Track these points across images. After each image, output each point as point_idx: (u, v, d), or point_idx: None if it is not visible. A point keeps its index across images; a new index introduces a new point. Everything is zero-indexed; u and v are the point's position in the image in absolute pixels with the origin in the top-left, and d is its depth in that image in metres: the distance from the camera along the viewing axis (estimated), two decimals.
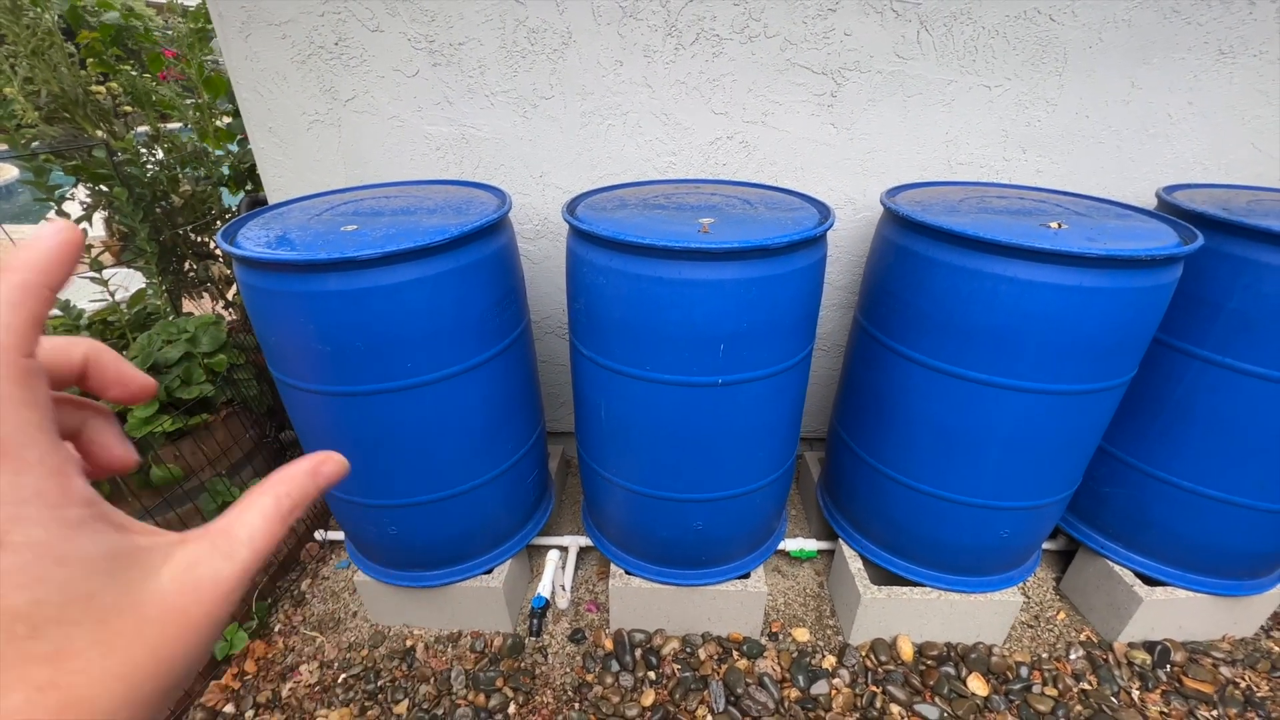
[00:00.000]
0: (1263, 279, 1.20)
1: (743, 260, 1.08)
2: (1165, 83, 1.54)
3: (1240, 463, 1.33)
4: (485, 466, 1.40)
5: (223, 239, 1.14)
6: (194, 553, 0.24)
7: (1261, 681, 1.50)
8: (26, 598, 0.19)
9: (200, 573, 0.23)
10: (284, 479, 0.28)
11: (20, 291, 0.21)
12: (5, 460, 0.20)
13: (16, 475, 0.20)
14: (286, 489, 0.28)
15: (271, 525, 0.26)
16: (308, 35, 1.54)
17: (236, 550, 0.25)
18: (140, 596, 0.22)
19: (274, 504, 0.27)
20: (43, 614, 0.20)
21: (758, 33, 1.51)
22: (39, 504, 0.20)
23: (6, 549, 0.19)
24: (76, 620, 0.20)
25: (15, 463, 0.20)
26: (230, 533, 0.25)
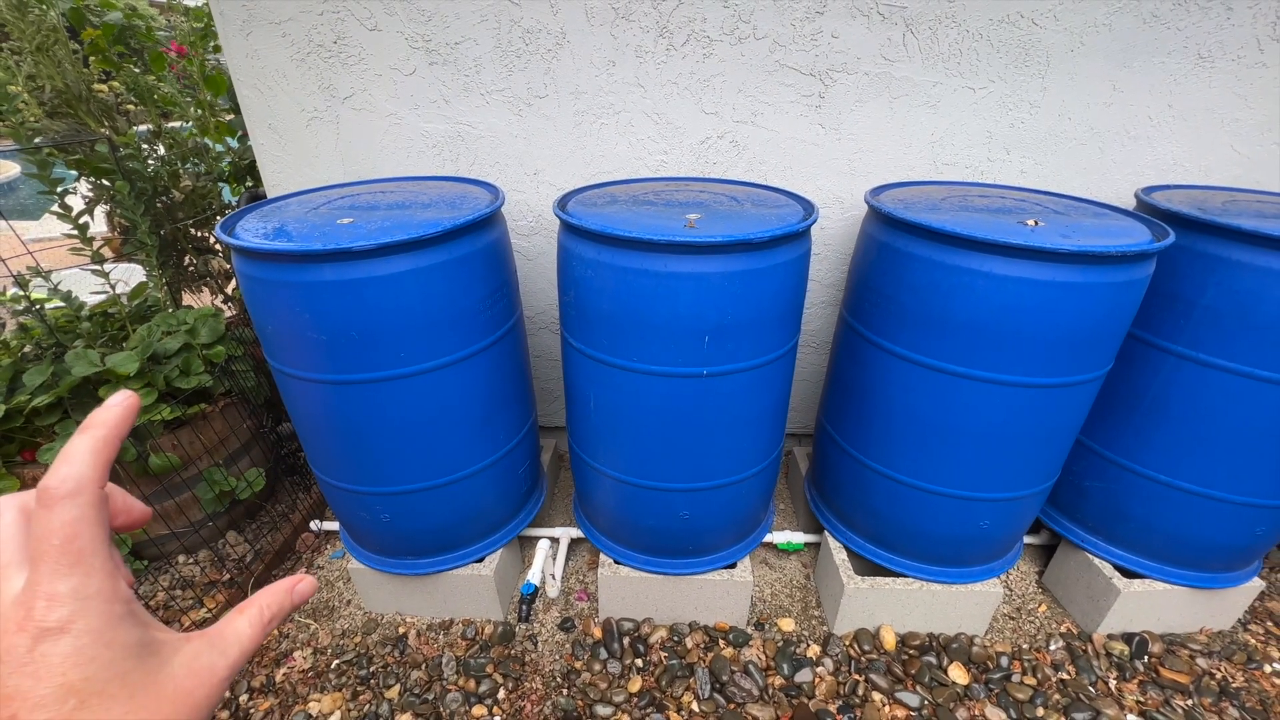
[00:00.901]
0: (1234, 276, 1.24)
1: (727, 254, 1.11)
2: (1145, 86, 1.58)
3: (1213, 456, 1.36)
4: (477, 456, 1.43)
5: (222, 230, 1.17)
6: (198, 647, 0.30)
7: (1237, 673, 1.53)
8: (80, 675, 0.25)
9: (202, 663, 0.30)
10: (267, 594, 0.35)
11: (101, 443, 0.29)
12: (81, 565, 0.26)
13: (86, 577, 0.26)
14: (268, 602, 0.35)
15: (255, 630, 0.33)
16: (307, 34, 1.58)
17: (229, 649, 0.31)
18: (159, 679, 0.28)
19: (258, 614, 0.34)
20: (90, 688, 0.25)
21: (747, 34, 1.55)
22: (98, 599, 0.27)
23: (71, 635, 0.25)
24: (114, 695, 0.26)
25: (87, 567, 0.27)
26: (224, 635, 0.32)
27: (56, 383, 1.47)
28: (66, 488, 0.27)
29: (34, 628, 0.25)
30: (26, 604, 0.25)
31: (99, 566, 0.27)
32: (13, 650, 0.25)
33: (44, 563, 0.26)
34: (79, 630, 0.26)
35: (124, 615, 0.28)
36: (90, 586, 0.26)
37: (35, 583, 0.26)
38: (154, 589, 1.71)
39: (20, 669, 0.24)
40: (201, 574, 1.77)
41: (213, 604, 1.68)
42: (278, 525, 1.91)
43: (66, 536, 0.26)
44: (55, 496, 0.27)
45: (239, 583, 1.72)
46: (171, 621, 1.63)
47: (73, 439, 0.29)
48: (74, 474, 0.28)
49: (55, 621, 0.25)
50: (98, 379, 1.51)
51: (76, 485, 0.27)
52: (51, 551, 0.26)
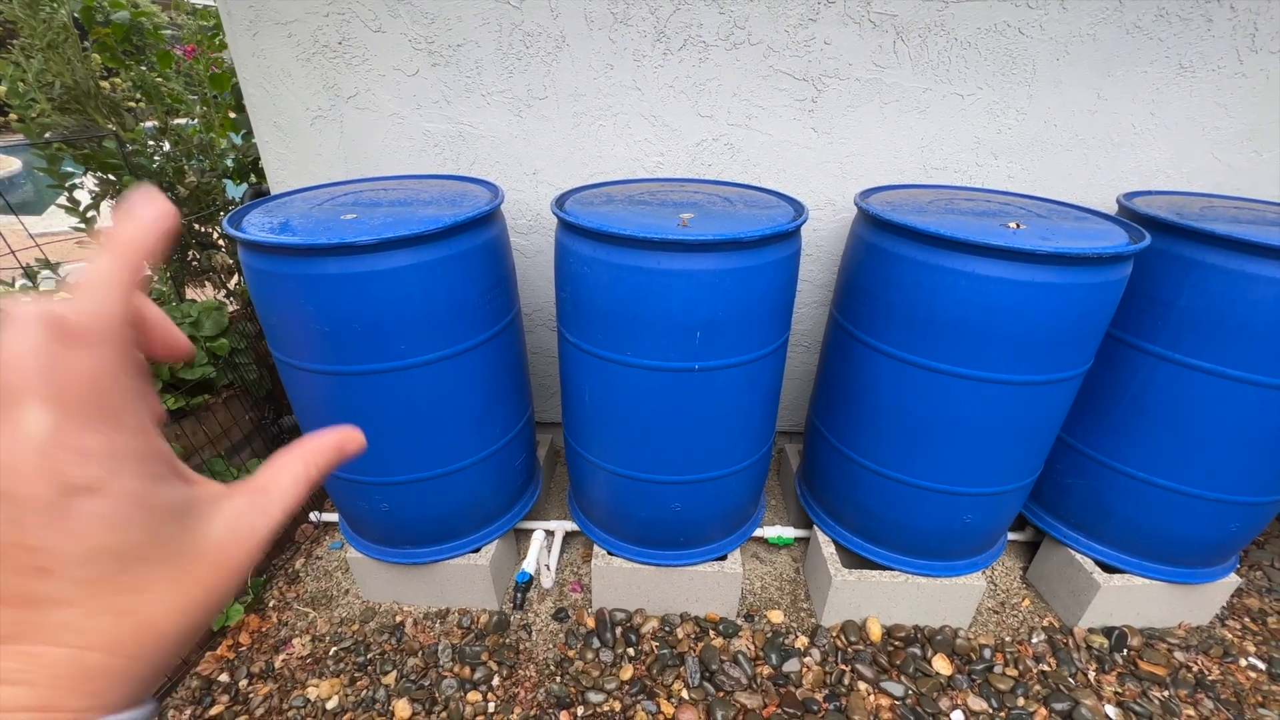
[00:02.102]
0: (1209, 279, 1.28)
1: (718, 252, 1.15)
2: (1129, 94, 1.62)
3: (1190, 453, 1.40)
4: (474, 447, 1.46)
5: (229, 224, 1.20)
6: (239, 506, 0.28)
7: (1213, 666, 1.57)
8: (119, 538, 0.23)
9: (243, 524, 0.28)
10: (313, 449, 0.31)
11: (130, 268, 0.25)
12: (111, 422, 0.23)
13: (118, 435, 0.23)
14: (314, 458, 0.31)
15: (298, 488, 0.30)
16: (312, 34, 1.61)
17: (270, 507, 0.29)
18: (199, 542, 0.26)
19: (302, 469, 0.30)
20: (130, 552, 0.23)
21: (742, 40, 1.59)
22: (133, 460, 0.24)
23: (106, 496, 0.23)
24: (154, 559, 0.24)
25: (118, 424, 0.23)
26: (266, 491, 0.29)
27: None
28: (94, 328, 0.23)
29: (61, 481, 0.22)
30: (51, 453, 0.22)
31: (133, 420, 0.24)
32: (37, 500, 0.22)
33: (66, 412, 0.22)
34: (113, 491, 0.23)
35: (161, 474, 0.25)
36: (124, 443, 0.23)
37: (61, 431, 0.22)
38: None
39: (50, 523, 0.22)
40: None
41: None
42: None
43: (95, 385, 0.23)
44: (80, 337, 0.23)
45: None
46: None
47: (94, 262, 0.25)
48: (99, 310, 0.23)
49: (86, 480, 0.22)
50: None
51: (103, 327, 0.23)
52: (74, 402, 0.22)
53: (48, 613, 0.22)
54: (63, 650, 0.22)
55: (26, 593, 0.22)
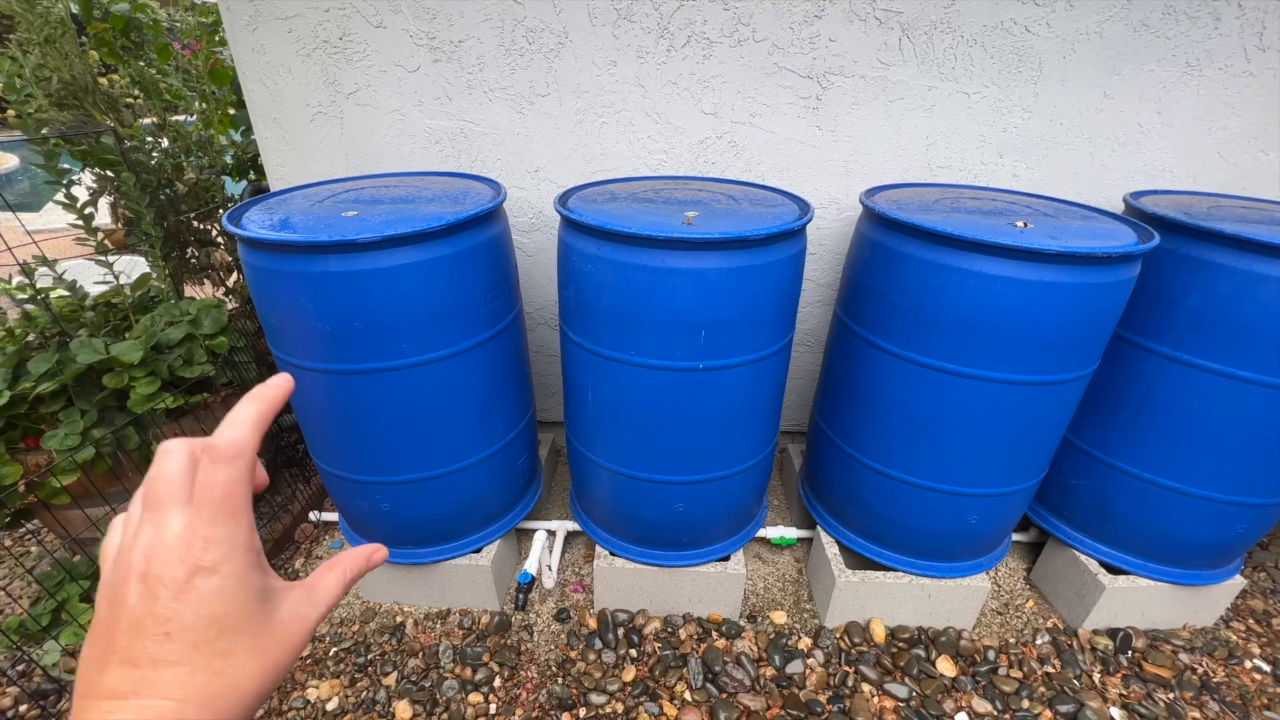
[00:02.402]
0: (1218, 279, 1.27)
1: (724, 250, 1.14)
2: (1135, 93, 1.61)
3: (1196, 455, 1.39)
4: (476, 447, 1.45)
5: (228, 221, 1.19)
6: (299, 597, 0.36)
7: (1218, 668, 1.56)
8: (223, 609, 0.30)
9: (301, 611, 0.35)
10: (350, 557, 0.41)
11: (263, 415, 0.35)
12: (234, 518, 0.32)
13: (237, 528, 0.32)
14: (349, 565, 0.40)
15: (339, 588, 0.39)
16: (313, 30, 1.60)
17: (319, 600, 0.37)
18: (272, 620, 0.33)
19: (342, 573, 0.39)
20: (227, 622, 0.31)
21: (746, 37, 1.58)
22: (242, 550, 0.32)
23: (220, 575, 0.30)
24: (242, 630, 0.31)
25: (237, 520, 0.32)
26: (317, 588, 0.37)
27: (61, 370, 1.48)
28: (232, 450, 0.32)
29: (192, 563, 0.30)
30: (187, 541, 0.30)
31: (245, 520, 0.32)
32: (174, 579, 0.29)
33: (205, 509, 0.31)
34: (226, 572, 0.30)
35: (256, 564, 0.33)
36: (238, 536, 0.31)
37: (195, 525, 0.30)
38: None
39: (178, 596, 0.29)
40: None
41: None
42: (277, 515, 1.93)
43: (226, 491, 0.31)
44: (222, 456, 0.32)
45: None
46: None
47: (240, 406, 0.35)
48: (239, 439, 0.33)
49: (210, 561, 0.30)
50: (102, 367, 1.52)
51: (239, 449, 0.33)
52: (212, 502, 0.31)
53: (162, 671, 0.29)
54: (169, 703, 0.28)
55: (152, 655, 0.29)
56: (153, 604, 0.29)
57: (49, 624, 1.49)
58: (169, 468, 0.32)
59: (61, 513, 1.58)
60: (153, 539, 0.30)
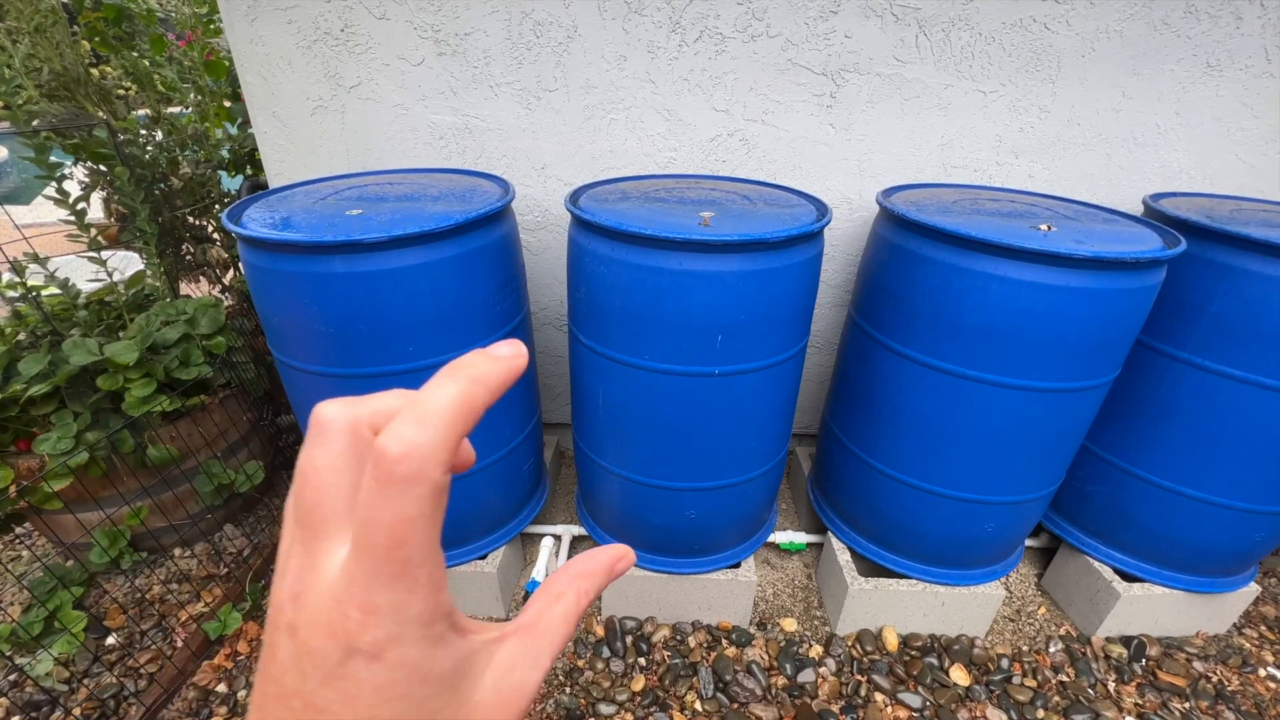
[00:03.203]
0: (1243, 285, 1.25)
1: (742, 253, 1.10)
2: (1154, 93, 1.58)
3: (1217, 463, 1.37)
4: (482, 452, 1.41)
5: (228, 219, 1.15)
6: (511, 654, 0.25)
7: (1232, 676, 1.55)
8: (391, 711, 0.21)
9: (512, 680, 0.24)
10: (586, 574, 0.28)
11: (468, 405, 0.20)
12: (404, 579, 0.20)
13: (408, 595, 0.20)
14: (587, 585, 0.27)
15: (570, 624, 0.26)
16: (314, 21, 1.55)
17: (541, 657, 0.25)
18: (468, 709, 0.23)
19: (575, 601, 0.27)
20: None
21: (760, 32, 1.54)
22: (417, 623, 0.21)
23: (385, 665, 0.20)
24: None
25: (410, 583, 0.20)
26: (537, 631, 0.26)
27: (54, 372, 1.44)
28: (409, 467, 0.19)
29: (346, 642, 0.20)
30: (341, 606, 0.20)
31: (426, 579, 0.21)
32: (325, 658, 0.20)
33: (365, 559, 0.20)
34: (393, 660, 0.21)
35: (442, 636, 0.22)
36: (412, 605, 0.20)
37: (353, 580, 0.20)
38: (150, 582, 1.69)
39: (330, 682, 0.20)
40: (199, 567, 1.75)
41: (209, 598, 1.66)
42: (276, 519, 1.89)
43: (397, 538, 0.19)
44: (393, 476, 0.19)
45: (236, 577, 1.70)
46: (169, 615, 1.60)
47: (435, 385, 0.21)
48: (424, 446, 0.19)
49: (369, 644, 0.20)
50: (96, 368, 1.48)
51: (421, 466, 0.19)
52: (376, 550, 0.20)
53: None
54: None
55: None
56: (302, 681, 0.20)
57: (40, 633, 1.44)
58: (320, 460, 0.21)
59: (53, 518, 1.54)
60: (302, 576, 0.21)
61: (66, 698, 1.43)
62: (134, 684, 1.45)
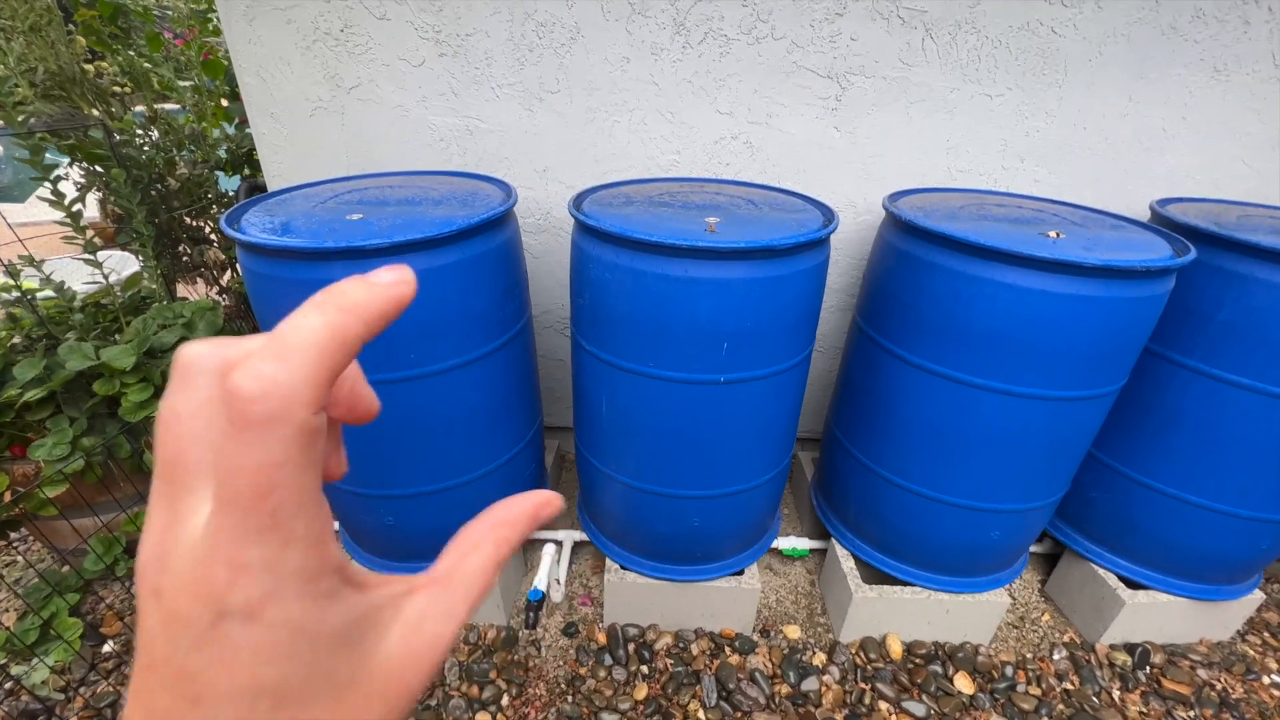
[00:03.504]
0: (1251, 293, 1.24)
1: (749, 260, 1.09)
2: (1161, 97, 1.57)
3: (1224, 470, 1.36)
4: (484, 459, 1.40)
5: (226, 224, 1.13)
6: (420, 607, 0.23)
7: (1236, 684, 1.54)
8: (275, 674, 0.19)
9: (422, 635, 0.22)
10: (507, 521, 0.26)
11: (332, 337, 0.18)
12: (275, 534, 0.18)
13: (283, 549, 0.18)
14: (507, 534, 0.26)
15: (488, 576, 0.24)
16: (313, 21, 1.53)
17: (455, 607, 0.23)
18: (371, 667, 0.21)
19: (493, 550, 0.25)
20: (287, 689, 0.19)
21: (765, 34, 1.53)
22: (298, 579, 0.19)
23: (263, 624, 0.18)
24: (315, 696, 0.20)
25: (284, 536, 0.18)
26: (450, 582, 0.24)
27: (49, 376, 1.42)
28: (267, 407, 0.17)
29: (216, 604, 0.18)
30: (207, 563, 0.18)
31: (304, 531, 0.19)
32: (193, 622, 0.18)
33: (229, 511, 0.18)
34: (272, 620, 0.18)
35: (332, 591, 0.20)
36: (289, 560, 0.18)
37: (217, 535, 0.18)
38: None
39: (201, 648, 0.18)
40: None
41: None
42: None
43: (261, 486, 0.17)
44: (249, 417, 0.17)
45: None
46: None
47: (299, 314, 0.19)
48: (283, 384, 0.17)
49: (242, 604, 0.18)
50: (92, 373, 1.46)
51: (282, 405, 0.17)
52: (238, 501, 0.17)
53: None
54: None
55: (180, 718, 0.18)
56: (172, 649, 0.18)
57: (36, 641, 1.43)
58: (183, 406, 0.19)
59: (49, 524, 1.52)
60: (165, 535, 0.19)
61: (62, 707, 1.42)
62: None
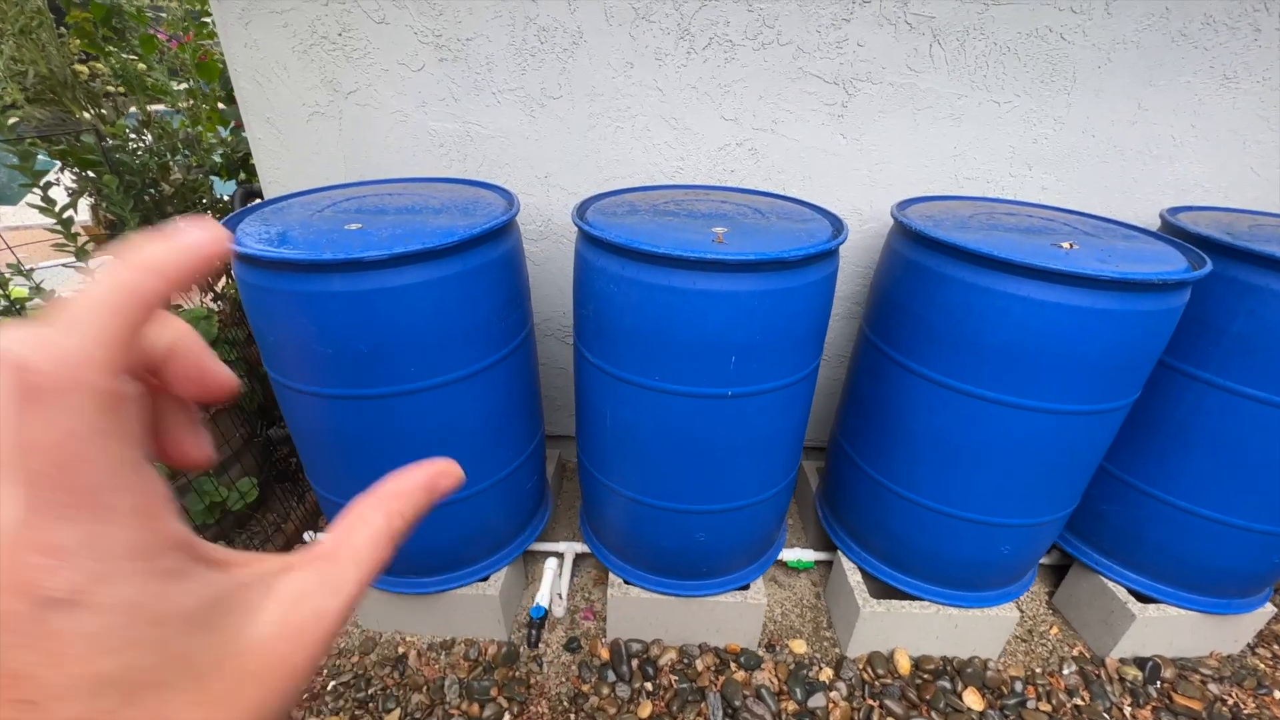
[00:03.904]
0: (1265, 304, 1.22)
1: (759, 272, 1.06)
2: (1170, 105, 1.55)
3: (1238, 484, 1.34)
4: (486, 472, 1.37)
5: None
6: (299, 585, 0.21)
7: (1247, 699, 1.52)
8: (118, 663, 0.17)
9: (305, 610, 0.21)
10: (398, 493, 0.25)
11: (123, 295, 0.18)
12: (89, 510, 0.17)
13: (103, 526, 0.17)
14: (400, 506, 0.24)
15: (381, 550, 0.23)
16: (310, 25, 1.50)
17: (343, 582, 0.22)
18: (240, 647, 0.19)
19: (385, 523, 0.23)
20: (137, 679, 0.17)
21: (771, 40, 1.50)
22: (128, 558, 0.17)
23: (92, 610, 0.16)
24: (173, 683, 0.18)
25: (101, 511, 0.17)
26: (335, 557, 0.22)
27: None
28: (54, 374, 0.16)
29: (33, 592, 0.16)
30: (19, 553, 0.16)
31: (125, 505, 0.17)
32: (14, 617, 0.16)
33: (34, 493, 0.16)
34: (103, 604, 0.17)
35: (177, 569, 0.18)
36: (111, 538, 0.17)
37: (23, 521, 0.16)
38: None
39: (28, 643, 0.16)
40: None
41: None
42: (270, 536, 1.84)
43: (59, 461, 0.16)
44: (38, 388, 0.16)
45: None
46: None
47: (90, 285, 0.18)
48: (71, 349, 0.16)
49: (64, 590, 0.16)
50: None
51: (73, 375, 0.16)
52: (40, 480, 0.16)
53: None
54: None
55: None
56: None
57: None
58: None
59: None
60: None
61: None
62: None
